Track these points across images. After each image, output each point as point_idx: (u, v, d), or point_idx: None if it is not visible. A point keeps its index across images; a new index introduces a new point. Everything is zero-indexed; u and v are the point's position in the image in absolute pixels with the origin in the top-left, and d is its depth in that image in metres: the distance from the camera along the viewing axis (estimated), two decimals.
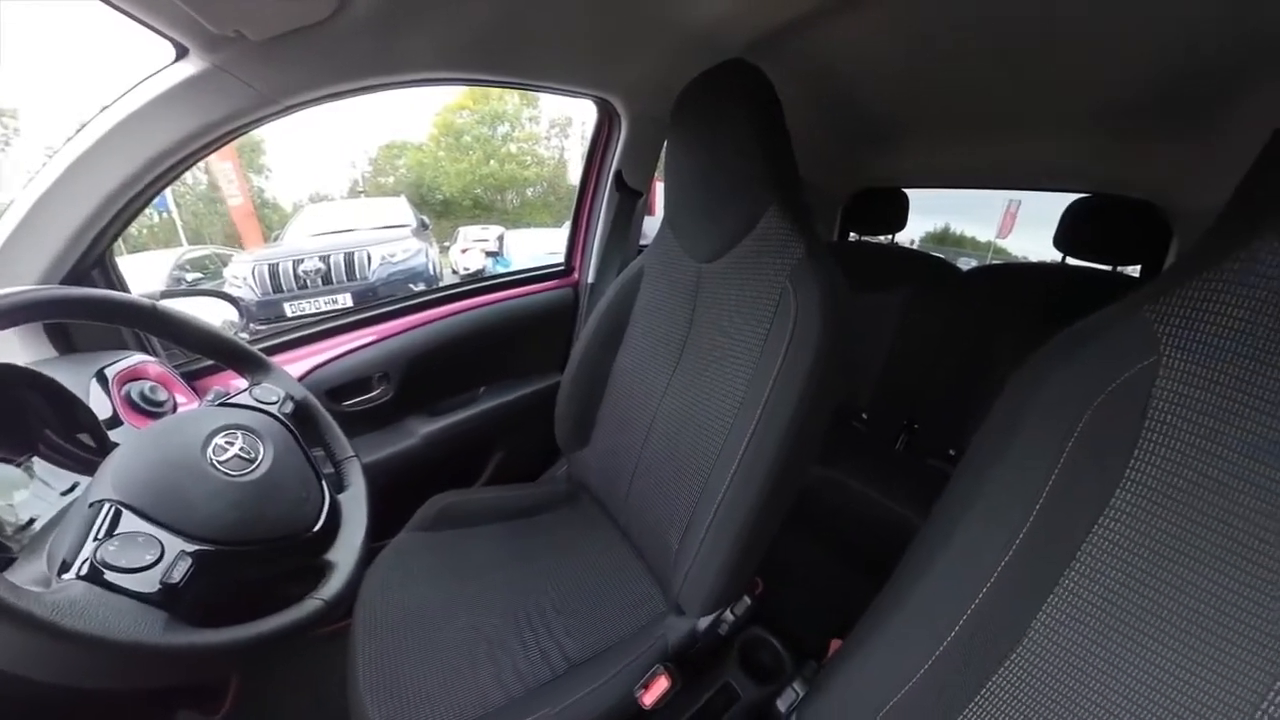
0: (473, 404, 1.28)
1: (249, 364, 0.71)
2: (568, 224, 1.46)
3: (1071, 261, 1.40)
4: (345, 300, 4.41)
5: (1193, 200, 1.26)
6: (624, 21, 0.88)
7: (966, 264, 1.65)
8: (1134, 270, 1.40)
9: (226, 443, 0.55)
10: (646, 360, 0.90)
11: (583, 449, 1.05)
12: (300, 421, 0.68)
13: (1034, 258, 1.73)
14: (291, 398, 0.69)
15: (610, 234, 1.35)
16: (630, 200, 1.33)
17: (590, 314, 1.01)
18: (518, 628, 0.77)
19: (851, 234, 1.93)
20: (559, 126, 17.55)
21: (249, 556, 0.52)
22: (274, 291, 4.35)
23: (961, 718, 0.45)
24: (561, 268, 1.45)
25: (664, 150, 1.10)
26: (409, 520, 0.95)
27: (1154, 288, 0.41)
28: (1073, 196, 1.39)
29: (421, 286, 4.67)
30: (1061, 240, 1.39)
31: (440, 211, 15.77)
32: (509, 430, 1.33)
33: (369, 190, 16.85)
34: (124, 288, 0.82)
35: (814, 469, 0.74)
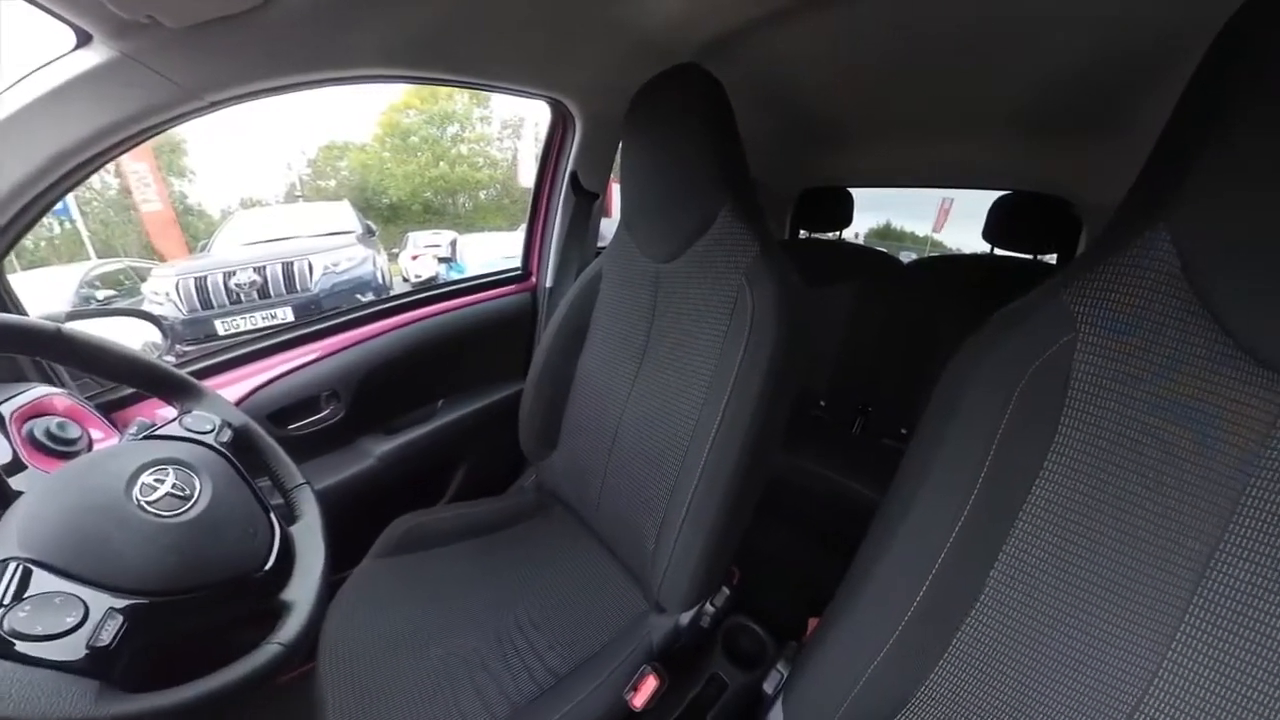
0: (431, 418, 1.20)
1: (177, 390, 0.64)
2: (523, 227, 1.42)
3: (998, 252, 1.53)
4: (285, 315, 4.08)
5: (1097, 196, 1.41)
6: (576, 23, 0.86)
7: (908, 257, 1.74)
8: (1051, 258, 1.54)
9: (156, 480, 0.49)
10: (609, 362, 0.89)
11: (550, 456, 1.02)
12: (241, 450, 0.61)
13: (966, 249, 1.86)
14: (229, 425, 0.62)
15: (567, 237, 1.32)
16: (586, 202, 1.30)
17: (550, 318, 0.99)
18: (498, 646, 0.74)
19: (802, 231, 2.00)
20: (511, 127, 17.02)
21: (192, 605, 0.46)
22: (203, 308, 3.96)
23: (933, 676, 0.48)
24: (519, 272, 1.40)
25: (619, 152, 1.09)
26: (371, 547, 0.89)
27: (1069, 273, 0.46)
28: (997, 193, 1.52)
29: (370, 297, 4.39)
30: (989, 233, 1.53)
31: (387, 216, 14.99)
32: (472, 443, 1.27)
33: (308, 194, 15.76)
34: (19, 310, 0.72)
35: (779, 457, 0.76)
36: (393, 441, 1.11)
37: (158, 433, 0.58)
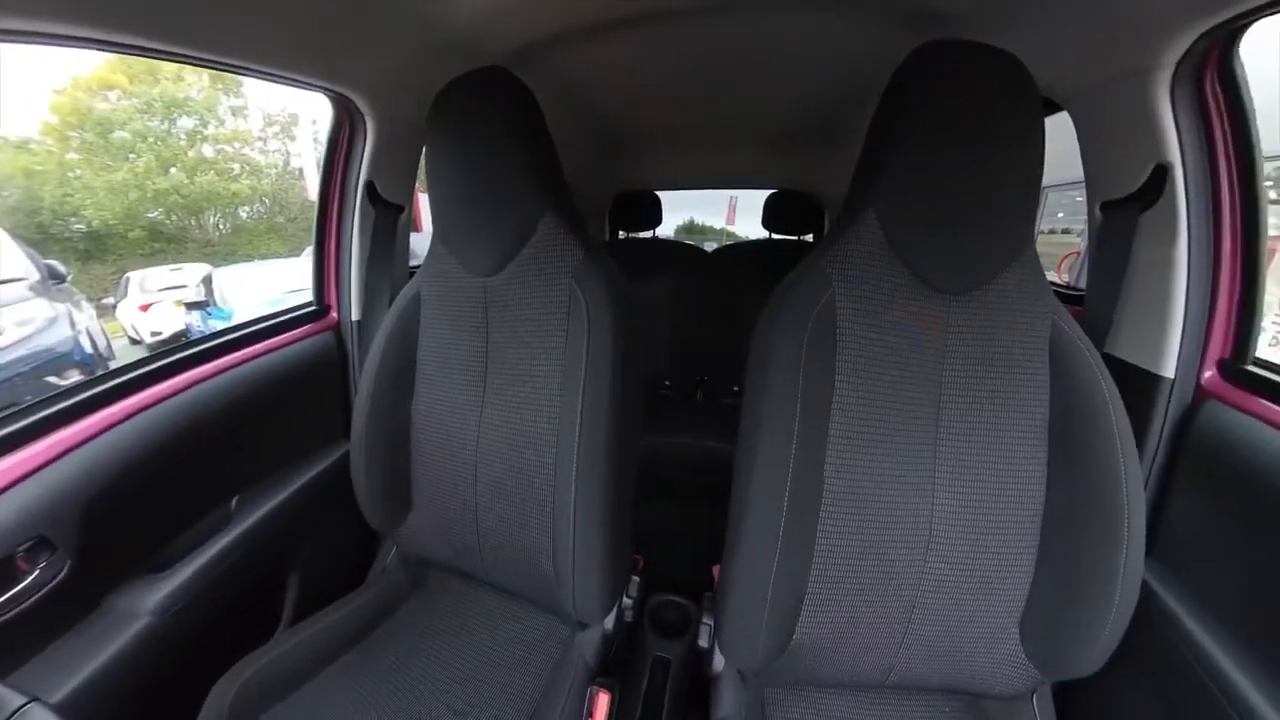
0: (226, 527, 0.85)
1: None
2: (309, 251, 1.14)
3: (775, 236, 1.95)
4: None
5: (832, 190, 1.91)
6: (364, 7, 0.71)
7: (710, 247, 1.99)
8: (809, 238, 1.99)
9: None
10: (450, 393, 0.79)
11: (407, 520, 0.85)
12: None
13: (751, 236, 2.24)
14: None
15: (371, 258, 1.08)
16: (389, 216, 1.09)
17: (366, 358, 0.82)
18: None
19: (621, 233, 2.11)
20: (280, 125, 13.26)
21: None
22: None
23: (814, 563, 0.60)
24: (313, 308, 1.11)
25: (423, 158, 0.95)
26: None
27: (821, 248, 0.62)
28: (769, 191, 1.94)
29: (74, 376, 2.89)
30: (766, 222, 1.94)
31: (87, 250, 10.43)
32: (298, 539, 0.96)
33: None
34: None
35: (643, 438, 0.80)
36: (170, 581, 0.75)
37: None
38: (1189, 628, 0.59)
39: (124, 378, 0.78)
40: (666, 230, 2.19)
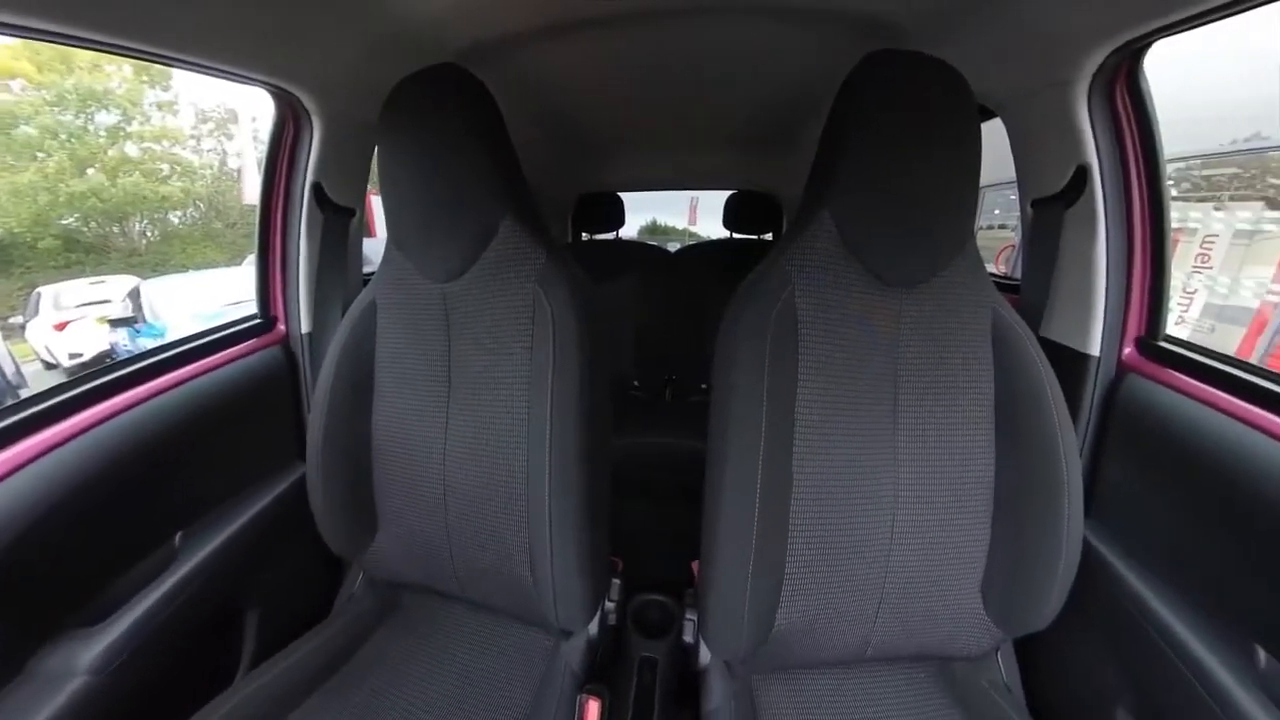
0: (169, 569, 0.75)
1: None
2: (252, 259, 1.06)
3: (736, 235, 1.98)
4: None
5: (789, 191, 1.98)
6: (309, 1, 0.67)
7: (673, 247, 2.02)
8: (769, 236, 2.05)
9: None
10: (412, 406, 0.75)
11: (373, 543, 0.81)
12: None
13: (713, 236, 2.28)
14: None
15: (321, 266, 1.01)
16: (340, 220, 1.02)
17: (320, 372, 0.77)
18: None
19: (584, 235, 2.10)
20: (215, 121, 12.11)
21: None
22: None
23: (790, 549, 0.62)
24: (257, 321, 1.03)
25: (375, 159, 0.91)
26: None
27: (781, 246, 0.64)
28: (729, 192, 1.97)
29: None
30: (727, 222, 1.97)
31: None
32: (252, 575, 0.88)
33: None
34: None
35: (613, 440, 0.80)
36: (107, 634, 0.66)
37: None
38: (1126, 578, 0.65)
39: (39, 407, 0.68)
40: (630, 231, 2.19)
